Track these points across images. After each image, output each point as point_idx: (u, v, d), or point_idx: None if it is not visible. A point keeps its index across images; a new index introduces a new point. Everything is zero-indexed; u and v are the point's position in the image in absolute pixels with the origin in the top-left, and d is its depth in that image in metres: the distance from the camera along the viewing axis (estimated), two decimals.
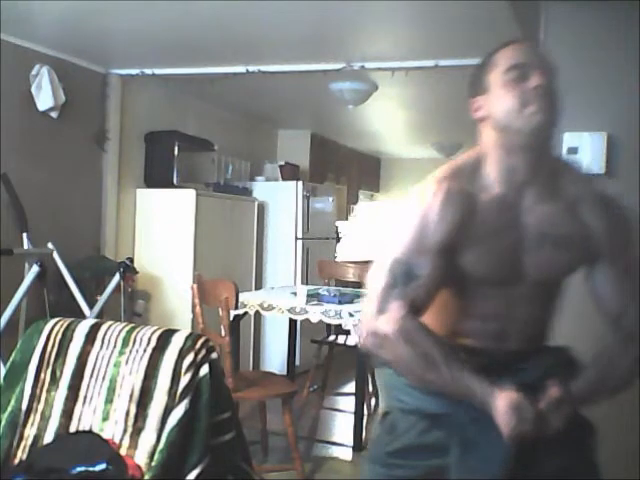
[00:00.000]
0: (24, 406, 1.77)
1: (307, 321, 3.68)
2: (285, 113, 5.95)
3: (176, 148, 4.63)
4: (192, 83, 4.44)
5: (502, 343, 1.42)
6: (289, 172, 6.17)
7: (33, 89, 3.78)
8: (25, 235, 3.61)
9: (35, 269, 3.35)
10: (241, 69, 4.11)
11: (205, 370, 1.66)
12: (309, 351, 5.12)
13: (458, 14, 3.02)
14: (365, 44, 3.68)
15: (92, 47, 3.89)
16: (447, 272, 1.36)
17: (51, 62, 3.86)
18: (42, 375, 1.79)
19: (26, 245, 3.60)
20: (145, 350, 1.73)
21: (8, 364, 1.86)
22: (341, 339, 4.59)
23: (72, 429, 1.72)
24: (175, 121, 4.89)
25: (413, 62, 3.81)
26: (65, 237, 3.90)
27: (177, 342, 1.71)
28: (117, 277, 3.72)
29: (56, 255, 3.61)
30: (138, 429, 1.65)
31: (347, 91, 4.43)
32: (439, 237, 1.33)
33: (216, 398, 1.66)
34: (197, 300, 3.25)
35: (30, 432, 1.74)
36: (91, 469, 1.57)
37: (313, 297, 3.73)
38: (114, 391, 1.72)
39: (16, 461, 1.70)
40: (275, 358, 5.55)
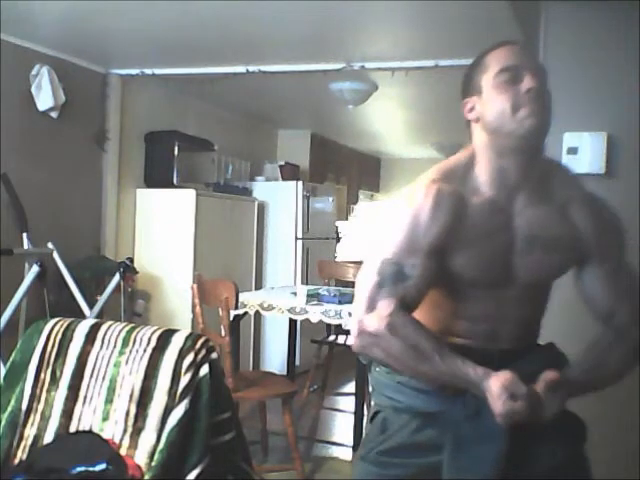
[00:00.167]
0: (24, 406, 1.77)
1: (307, 321, 3.68)
2: (285, 113, 5.95)
3: (176, 148, 4.63)
4: (192, 83, 4.44)
5: (493, 342, 1.42)
6: (289, 172, 6.17)
7: (33, 89, 3.78)
8: (25, 235, 3.61)
9: (35, 269, 3.35)
10: (241, 69, 4.11)
11: (205, 370, 1.66)
12: (309, 351, 5.12)
13: (458, 14, 3.02)
14: (365, 44, 3.68)
15: (92, 47, 3.89)
16: (437, 273, 1.36)
17: (51, 62, 3.86)
18: (42, 375, 1.79)
19: (26, 245, 3.60)
20: (145, 350, 1.73)
21: (8, 364, 1.86)
22: (341, 339, 4.59)
23: (72, 429, 1.72)
24: (175, 121, 4.89)
25: (413, 62, 3.81)
26: (65, 237, 3.90)
27: (177, 342, 1.71)
28: (117, 277, 3.72)
29: (56, 255, 3.61)
30: (138, 429, 1.65)
31: (347, 91, 4.43)
32: (429, 239, 1.33)
33: (216, 398, 1.66)
34: (197, 300, 3.25)
35: (30, 432, 1.74)
36: (91, 469, 1.57)
37: (313, 297, 3.73)
38: (114, 391, 1.71)
39: (16, 461, 1.70)
40: (275, 358, 5.55)
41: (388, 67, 3.91)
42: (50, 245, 3.64)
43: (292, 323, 4.67)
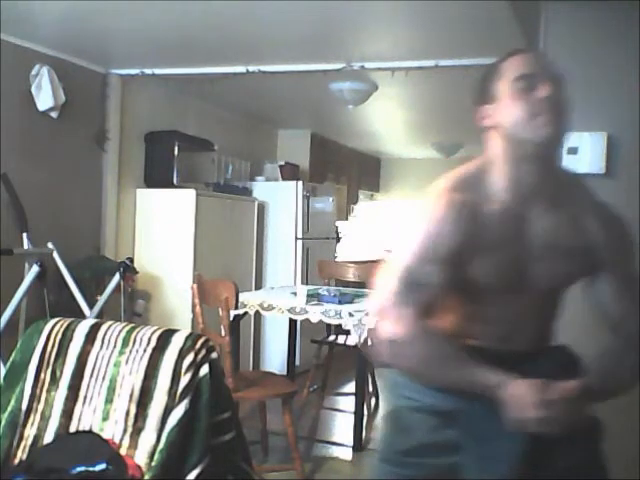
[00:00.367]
0: (24, 406, 1.77)
1: (307, 321, 3.68)
2: (285, 113, 5.95)
3: (176, 148, 4.63)
4: (192, 83, 4.43)
5: (507, 344, 1.43)
6: (289, 172, 6.17)
7: (33, 89, 3.78)
8: (25, 235, 3.61)
9: (35, 269, 3.35)
10: (241, 69, 4.11)
11: (205, 370, 1.66)
12: (309, 351, 5.12)
13: (458, 14, 3.02)
14: (365, 44, 3.68)
15: (92, 47, 3.89)
16: (454, 281, 1.37)
17: (51, 62, 3.86)
18: (42, 375, 1.79)
19: (26, 245, 3.60)
20: (145, 350, 1.73)
21: (8, 364, 1.86)
22: (341, 339, 4.59)
23: (72, 429, 1.72)
24: (175, 121, 4.89)
25: (413, 62, 3.81)
26: (65, 237, 3.90)
27: (177, 342, 1.71)
28: (117, 277, 3.72)
29: (56, 255, 3.61)
30: (138, 429, 1.65)
31: (347, 91, 4.43)
32: (446, 247, 1.34)
33: (216, 398, 1.66)
34: (197, 300, 3.25)
35: (30, 432, 1.74)
36: (91, 469, 1.57)
37: (313, 297, 3.73)
38: (114, 391, 1.71)
39: (16, 461, 1.70)
40: (275, 358, 5.55)
41: (388, 67, 3.91)
42: (50, 245, 3.64)
43: (292, 323, 4.67)
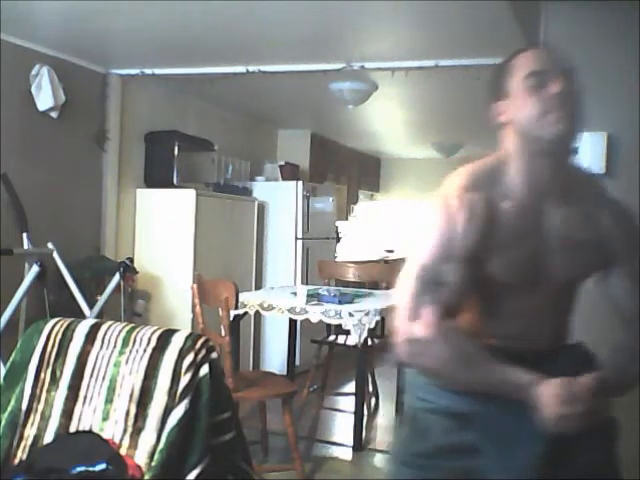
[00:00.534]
0: (24, 406, 1.77)
1: (307, 321, 3.68)
2: (285, 113, 5.95)
3: (176, 148, 4.63)
4: (192, 83, 4.44)
5: (525, 342, 1.43)
6: (289, 172, 6.17)
7: (33, 89, 3.78)
8: (25, 235, 3.61)
9: (35, 269, 3.35)
10: (241, 69, 4.11)
11: (205, 370, 1.66)
12: (309, 351, 5.12)
13: (458, 14, 3.02)
14: (365, 44, 3.68)
15: (92, 47, 3.89)
16: (473, 278, 1.37)
17: (51, 62, 3.86)
18: (42, 375, 1.79)
19: (26, 245, 3.60)
20: (145, 350, 1.73)
21: (8, 364, 1.86)
22: (341, 339, 4.59)
23: (72, 429, 1.72)
24: (175, 121, 4.89)
25: (413, 62, 3.81)
26: (65, 237, 3.90)
27: (177, 342, 1.71)
28: (117, 277, 3.72)
29: (56, 255, 3.61)
30: (138, 429, 1.65)
31: (347, 91, 4.43)
32: (464, 245, 1.34)
33: (216, 398, 1.66)
34: (197, 300, 3.25)
35: (30, 432, 1.74)
36: (91, 469, 1.57)
37: (313, 297, 3.73)
38: (114, 391, 1.71)
39: (16, 461, 1.70)
40: (275, 358, 5.54)
41: (388, 67, 3.91)
42: (50, 245, 3.64)
43: (292, 323, 4.67)
